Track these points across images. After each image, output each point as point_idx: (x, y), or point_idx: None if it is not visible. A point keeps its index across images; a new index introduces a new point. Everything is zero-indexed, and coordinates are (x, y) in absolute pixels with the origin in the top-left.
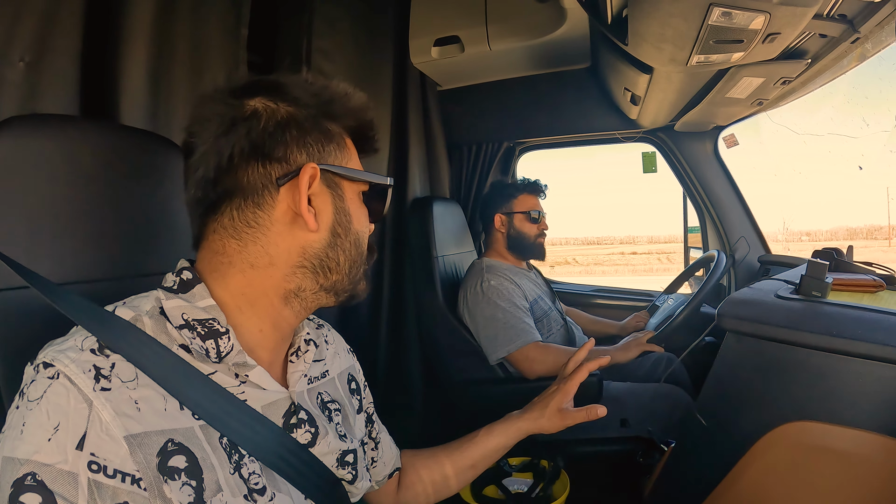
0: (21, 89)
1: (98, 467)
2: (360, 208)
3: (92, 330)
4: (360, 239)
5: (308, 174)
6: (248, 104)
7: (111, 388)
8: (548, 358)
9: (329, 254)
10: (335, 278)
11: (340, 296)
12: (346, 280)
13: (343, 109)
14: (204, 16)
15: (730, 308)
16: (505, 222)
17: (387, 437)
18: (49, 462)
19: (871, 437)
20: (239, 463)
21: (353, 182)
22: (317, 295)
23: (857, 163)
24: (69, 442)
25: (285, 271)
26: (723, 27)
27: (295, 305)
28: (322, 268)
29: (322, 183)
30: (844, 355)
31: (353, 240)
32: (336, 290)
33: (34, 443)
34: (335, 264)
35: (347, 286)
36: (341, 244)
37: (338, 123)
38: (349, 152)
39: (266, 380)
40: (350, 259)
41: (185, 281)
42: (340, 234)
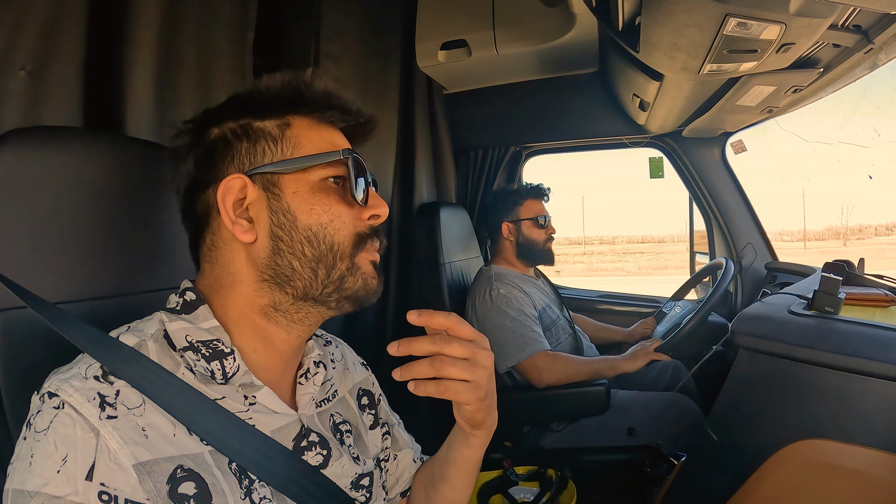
0: (23, 99)
1: (109, 497)
2: (316, 198)
3: (98, 357)
4: (317, 235)
5: (224, 187)
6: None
7: (117, 416)
8: (556, 367)
9: (278, 261)
10: (301, 285)
11: (329, 303)
12: (318, 284)
13: (267, 101)
14: (210, 21)
15: (743, 324)
16: (513, 230)
17: (407, 456)
18: (59, 494)
19: (884, 455)
20: (250, 488)
21: (298, 173)
22: (299, 307)
23: (867, 172)
24: (78, 473)
25: (252, 287)
26: (737, 37)
27: (280, 321)
28: (280, 277)
29: (258, 187)
30: (857, 374)
31: (304, 237)
32: (316, 298)
33: (43, 475)
34: (290, 270)
35: (328, 290)
36: (287, 247)
37: (270, 118)
38: (293, 141)
39: (274, 401)
40: (308, 260)
41: (188, 302)
42: (282, 236)
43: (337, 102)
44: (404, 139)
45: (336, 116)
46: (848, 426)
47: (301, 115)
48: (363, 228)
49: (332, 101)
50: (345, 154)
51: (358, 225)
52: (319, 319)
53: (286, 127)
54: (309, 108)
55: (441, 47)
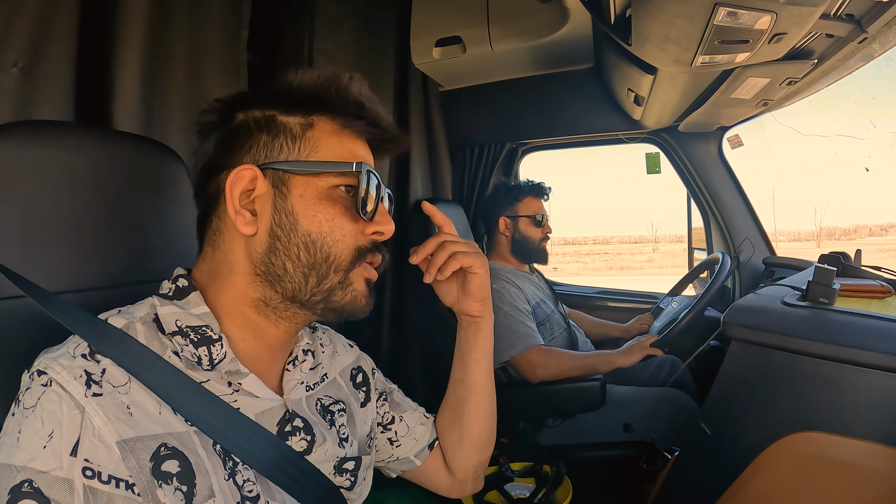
0: (14, 95)
1: (92, 473)
2: (321, 205)
3: (85, 337)
4: (315, 242)
5: (234, 175)
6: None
7: (103, 394)
8: (550, 362)
9: (272, 259)
10: (290, 287)
11: (315, 309)
12: (307, 290)
13: (296, 97)
14: (202, 19)
15: (735, 316)
16: (509, 225)
17: (417, 415)
18: (45, 469)
19: (879, 448)
20: (234, 470)
21: (309, 176)
22: (287, 306)
23: (864, 164)
24: (64, 449)
25: (246, 279)
26: (728, 27)
27: (270, 315)
28: (272, 275)
29: (268, 182)
30: (852, 365)
31: (301, 242)
32: (303, 302)
33: (30, 450)
34: (283, 272)
35: (315, 298)
36: (283, 248)
37: (295, 115)
38: (312, 142)
39: (259, 387)
40: (302, 266)
41: (180, 288)
42: (280, 236)
43: (366, 114)
44: None
45: (361, 127)
46: (842, 418)
47: (326, 117)
48: (364, 243)
49: (361, 111)
50: (357, 167)
51: (359, 239)
52: (308, 320)
53: (308, 127)
54: (335, 113)
55: (436, 44)
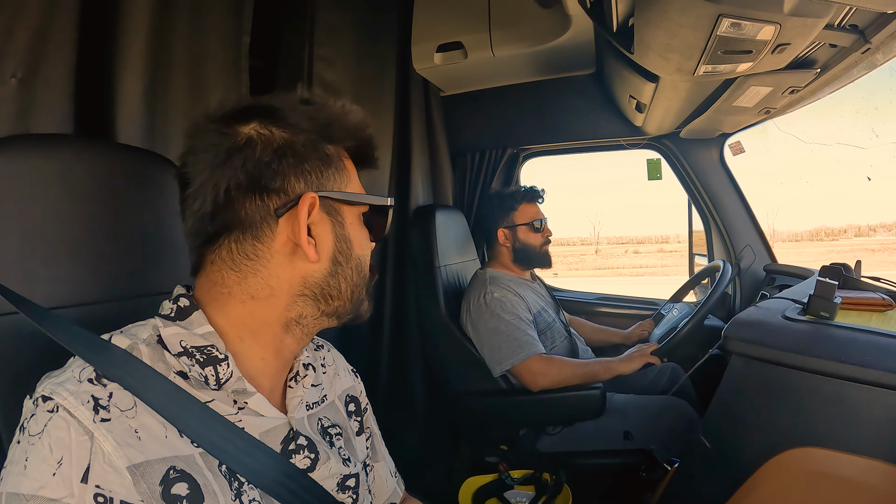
0: (14, 106)
1: (104, 499)
2: (360, 231)
3: (88, 359)
4: (361, 263)
5: (307, 204)
6: (241, 132)
7: (111, 419)
8: (551, 370)
9: (330, 282)
10: (336, 304)
11: (343, 318)
12: (349, 305)
13: (341, 131)
14: (203, 25)
15: (736, 330)
16: (509, 236)
17: (384, 470)
18: (55, 497)
19: (878, 465)
20: (240, 490)
21: (353, 205)
22: (318, 320)
23: (866, 173)
24: (74, 475)
25: (287, 301)
26: (731, 38)
27: (297, 332)
28: (324, 296)
29: (322, 210)
30: (852, 382)
31: (354, 265)
32: (338, 314)
33: (39, 478)
34: (337, 291)
35: (350, 310)
36: (342, 272)
37: (336, 145)
38: (348, 174)
39: (264, 406)
40: (352, 284)
41: (182, 308)
42: (342, 262)
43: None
44: (400, 142)
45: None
46: (843, 434)
47: (344, 148)
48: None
49: (370, 149)
50: (391, 203)
51: None
52: (323, 328)
53: (340, 158)
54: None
55: (437, 49)
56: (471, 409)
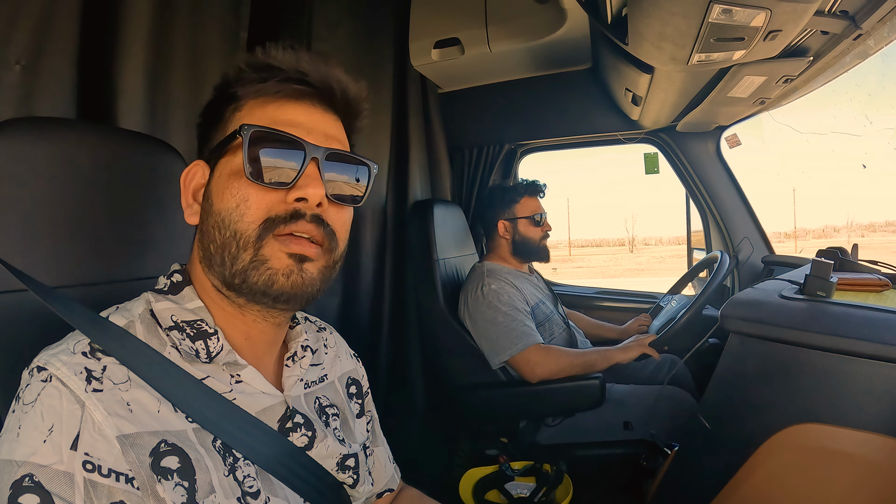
0: (17, 92)
1: (93, 467)
2: (230, 181)
3: (88, 334)
4: (224, 220)
5: (186, 173)
6: None
7: (103, 390)
8: (549, 360)
9: (203, 244)
10: (218, 272)
11: (243, 293)
12: (228, 273)
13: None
14: (202, 19)
15: (733, 309)
16: (509, 228)
17: (383, 455)
18: (45, 463)
19: (878, 439)
20: (234, 466)
21: (227, 156)
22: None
23: (861, 161)
24: (64, 443)
25: (200, 267)
26: (723, 25)
27: (232, 302)
28: (208, 260)
29: (211, 170)
30: (850, 356)
31: (215, 222)
32: (233, 287)
33: (30, 445)
34: (210, 254)
35: (237, 281)
36: (206, 231)
37: (230, 101)
38: (235, 123)
39: (259, 381)
40: (218, 246)
41: (175, 283)
42: (204, 219)
43: (276, 73)
44: (398, 138)
45: (276, 87)
46: (841, 409)
47: (252, 95)
48: (279, 212)
49: (269, 72)
50: (241, 131)
51: (276, 209)
52: (264, 310)
53: (236, 109)
54: (250, 83)
55: (434, 45)
56: (470, 402)
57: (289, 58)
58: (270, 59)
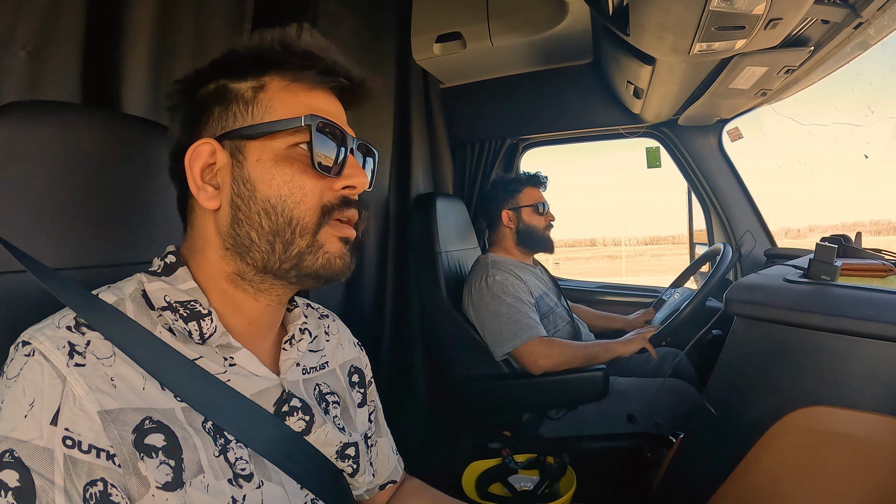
0: (23, 78)
1: (73, 443)
2: (278, 167)
3: (77, 311)
4: (275, 207)
5: (192, 152)
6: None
7: (85, 364)
8: (553, 353)
9: (237, 230)
10: (259, 257)
11: (290, 278)
12: (276, 258)
13: (243, 61)
14: (207, 10)
15: (737, 293)
16: (513, 217)
17: (386, 446)
18: (25, 438)
19: (884, 420)
20: (225, 447)
21: (264, 139)
22: (262, 279)
23: (863, 151)
24: (44, 418)
25: (218, 254)
26: (724, 13)
27: (248, 289)
28: (240, 247)
29: (227, 153)
30: (855, 336)
31: (261, 209)
32: (275, 272)
33: (11, 419)
34: (249, 241)
35: (286, 266)
36: (245, 217)
37: (246, 80)
38: (265, 104)
39: (254, 364)
40: (266, 232)
41: (168, 265)
42: (241, 205)
43: (318, 63)
44: (400, 132)
45: (316, 78)
46: (847, 391)
47: (277, 76)
48: (332, 199)
49: (310, 61)
50: (307, 121)
51: (326, 196)
52: (287, 292)
53: (260, 89)
54: (285, 68)
55: (436, 40)
56: (473, 394)
57: (323, 47)
58: (312, 48)
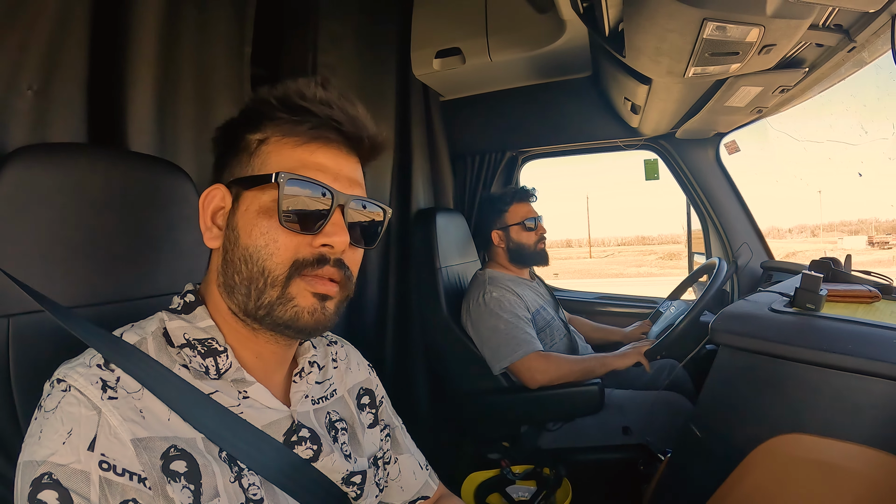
0: (29, 117)
1: (108, 466)
2: (259, 219)
3: (101, 351)
4: (252, 256)
5: (206, 195)
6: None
7: (118, 398)
8: (549, 367)
9: (226, 271)
10: (241, 300)
11: (265, 324)
12: (252, 304)
13: (252, 113)
14: (207, 37)
15: (723, 322)
16: (502, 237)
17: (411, 462)
18: (63, 462)
19: (862, 450)
20: (240, 474)
21: (255, 190)
22: (250, 322)
23: (857, 169)
24: (81, 444)
25: (219, 291)
26: (717, 40)
27: (248, 326)
28: (228, 287)
29: (230, 198)
30: (835, 370)
31: (241, 256)
32: (254, 317)
33: (50, 447)
34: (233, 283)
35: (261, 313)
36: (230, 260)
37: (255, 131)
38: (263, 157)
39: (266, 397)
40: (244, 278)
41: (188, 303)
42: (229, 249)
43: (311, 118)
44: (401, 146)
45: (309, 132)
46: (827, 421)
47: (278, 129)
48: (307, 255)
49: (302, 115)
50: (278, 177)
51: (303, 251)
52: (275, 337)
53: (263, 142)
54: (279, 122)
55: (436, 55)
56: (473, 407)
57: (321, 100)
58: (306, 103)
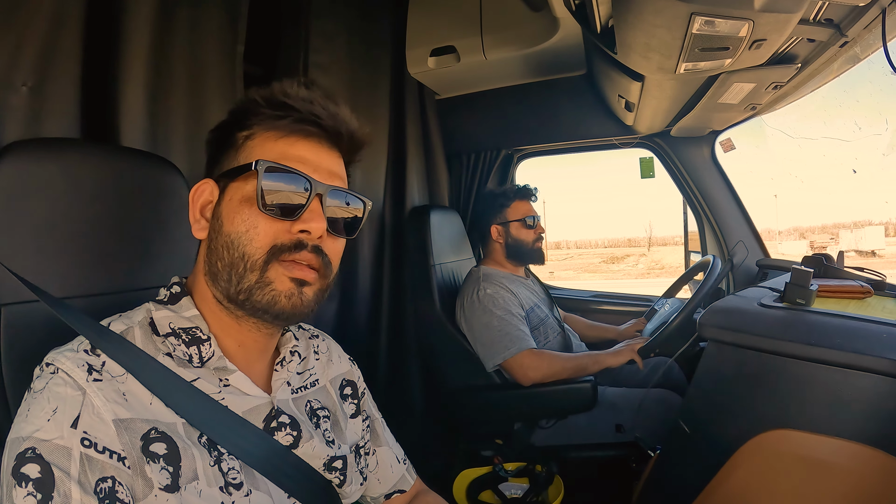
0: (24, 113)
1: (89, 443)
2: (240, 207)
3: (89, 338)
4: (233, 242)
5: (196, 189)
6: None
7: (102, 380)
8: (542, 364)
9: (211, 259)
10: (224, 286)
11: (246, 309)
12: (234, 289)
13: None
14: (200, 35)
15: (710, 317)
16: (502, 232)
17: (388, 455)
18: (47, 438)
19: (848, 445)
20: (219, 458)
21: (239, 181)
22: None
23: (851, 166)
24: (65, 421)
25: (205, 279)
26: (706, 35)
27: (231, 314)
28: (212, 275)
29: (217, 191)
30: (823, 364)
31: (223, 243)
32: (236, 302)
33: (35, 423)
34: (217, 269)
35: (241, 298)
36: (214, 248)
37: (243, 128)
38: (248, 151)
39: (246, 384)
40: (226, 264)
41: (174, 294)
42: (213, 237)
43: (292, 113)
44: (396, 144)
45: (290, 126)
46: (813, 416)
47: (262, 125)
48: (285, 241)
49: (285, 110)
50: (257, 165)
51: (281, 237)
52: (258, 323)
53: (249, 137)
54: (263, 118)
55: (430, 53)
56: (466, 404)
57: (303, 97)
58: (288, 99)
